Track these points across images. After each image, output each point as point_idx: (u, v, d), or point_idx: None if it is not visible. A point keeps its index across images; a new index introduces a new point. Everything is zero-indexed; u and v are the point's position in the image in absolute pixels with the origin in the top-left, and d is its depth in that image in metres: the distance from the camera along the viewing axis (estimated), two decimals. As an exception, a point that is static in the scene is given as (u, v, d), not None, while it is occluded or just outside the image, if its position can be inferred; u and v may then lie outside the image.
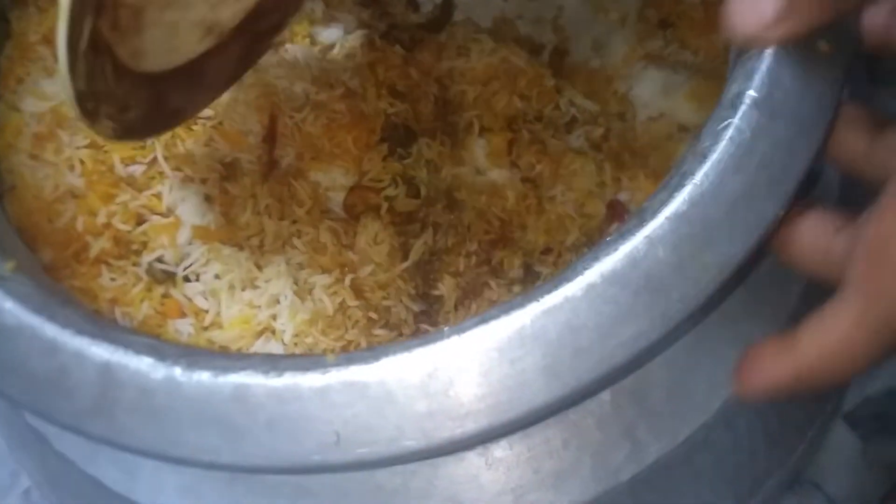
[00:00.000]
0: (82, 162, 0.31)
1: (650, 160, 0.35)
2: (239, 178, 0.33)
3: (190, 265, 0.31)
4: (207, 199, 0.32)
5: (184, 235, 0.31)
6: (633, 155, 0.36)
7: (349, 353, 0.21)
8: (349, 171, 0.34)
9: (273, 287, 0.31)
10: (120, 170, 0.32)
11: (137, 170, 0.32)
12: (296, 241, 0.32)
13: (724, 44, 0.41)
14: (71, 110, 0.20)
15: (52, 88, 0.32)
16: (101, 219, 0.31)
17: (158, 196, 0.32)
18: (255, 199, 0.32)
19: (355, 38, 0.37)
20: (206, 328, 0.30)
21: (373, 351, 0.20)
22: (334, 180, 0.33)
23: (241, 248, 0.32)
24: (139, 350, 0.20)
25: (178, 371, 0.20)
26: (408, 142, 0.35)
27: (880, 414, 0.39)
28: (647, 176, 0.34)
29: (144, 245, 0.31)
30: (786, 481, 0.35)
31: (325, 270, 0.32)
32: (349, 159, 0.34)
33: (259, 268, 0.31)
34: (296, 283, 0.31)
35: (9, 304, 0.20)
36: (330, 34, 0.37)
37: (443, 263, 0.33)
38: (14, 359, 0.20)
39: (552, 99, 0.37)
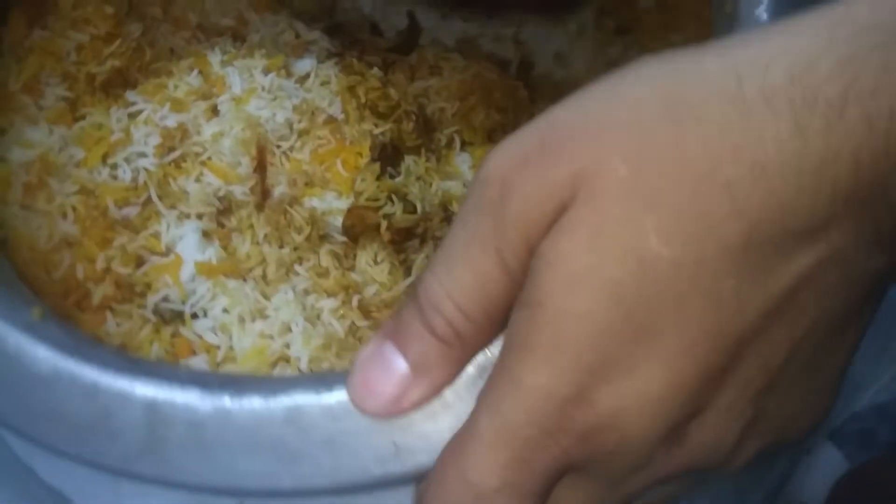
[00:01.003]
0: (74, 208, 0.31)
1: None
2: (234, 210, 0.33)
3: (196, 302, 0.30)
4: (206, 234, 0.32)
5: (187, 272, 0.31)
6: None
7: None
8: (343, 194, 0.34)
9: (283, 315, 0.31)
10: (114, 213, 0.31)
11: (132, 212, 0.32)
12: (298, 268, 0.33)
13: (682, 43, 0.43)
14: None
15: (38, 136, 0.31)
16: (101, 264, 0.30)
17: (156, 236, 0.31)
18: (253, 230, 0.33)
19: (328, 67, 0.37)
20: (219, 364, 0.30)
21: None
22: (330, 204, 0.34)
23: (245, 279, 0.32)
24: (184, 383, 0.20)
25: (227, 400, 0.20)
26: (396, 160, 0.35)
27: (866, 432, 0.39)
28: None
29: (148, 286, 0.30)
30: (770, 497, 0.35)
31: (330, 294, 0.32)
32: (341, 182, 0.34)
33: (266, 297, 0.31)
34: (304, 309, 0.31)
35: (42, 351, 0.20)
36: (304, 64, 0.37)
37: (445, 276, 0.34)
38: (53, 407, 0.20)
39: (527, 109, 0.38)
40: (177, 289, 0.31)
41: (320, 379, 0.20)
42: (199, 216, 0.32)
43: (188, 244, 0.32)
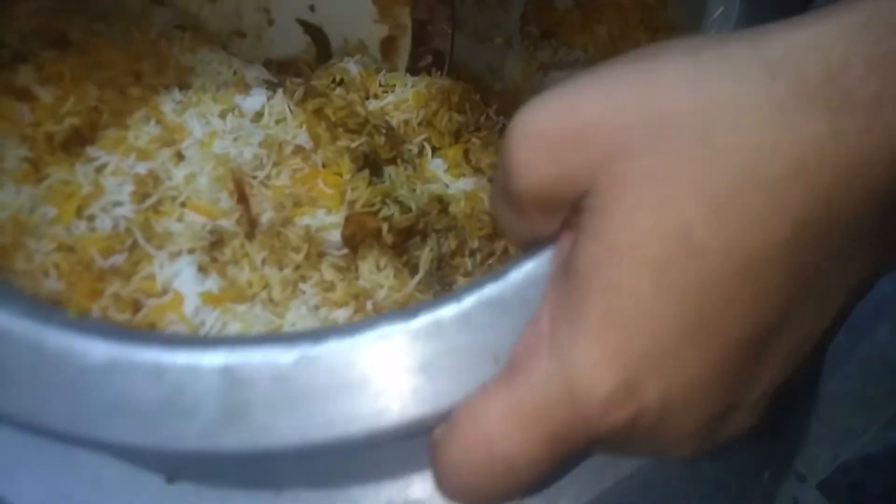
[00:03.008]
0: (57, 266, 0.29)
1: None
2: (227, 241, 0.31)
3: (208, 332, 0.28)
4: (201, 268, 0.31)
5: (190, 306, 0.29)
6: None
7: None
8: (332, 209, 0.33)
9: (301, 328, 0.29)
10: (100, 263, 0.29)
11: (119, 259, 0.30)
12: (303, 287, 0.31)
13: (606, 34, 0.46)
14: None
15: (6, 197, 0.29)
16: (96, 314, 0.28)
17: (150, 278, 0.30)
18: (250, 257, 0.31)
19: (278, 102, 0.37)
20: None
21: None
22: (322, 221, 0.33)
23: (252, 303, 0.30)
24: (257, 342, 0.18)
25: (310, 346, 0.18)
26: (377, 171, 0.35)
27: (855, 483, 0.39)
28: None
29: (153, 326, 0.28)
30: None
31: (340, 305, 0.31)
32: (328, 199, 0.33)
33: (279, 316, 0.29)
34: (320, 321, 0.30)
35: (92, 343, 0.18)
36: (253, 102, 0.37)
37: (451, 268, 0.33)
38: (115, 398, 0.18)
39: (483, 111, 0.40)
40: (183, 324, 0.28)
41: (404, 311, 0.19)
42: (191, 251, 0.31)
43: (186, 279, 0.30)
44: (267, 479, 0.24)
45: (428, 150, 0.37)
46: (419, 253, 0.33)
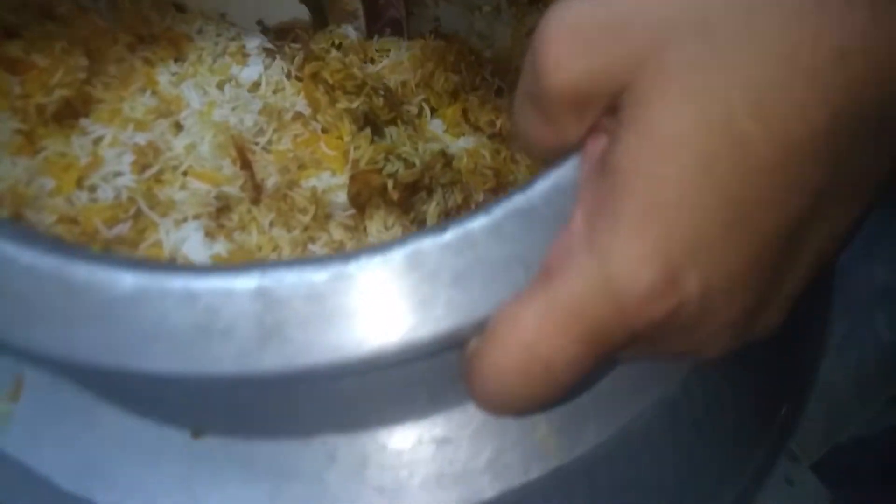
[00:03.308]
0: (60, 237, 0.28)
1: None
2: (233, 207, 0.31)
3: (222, 292, 0.28)
4: (208, 233, 0.30)
5: (201, 269, 0.29)
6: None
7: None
8: (337, 171, 0.33)
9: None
10: (106, 233, 0.29)
11: (124, 228, 0.29)
12: (312, 247, 0.31)
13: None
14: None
15: (2, 169, 0.29)
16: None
17: (157, 245, 0.29)
18: (257, 221, 0.31)
19: (276, 72, 0.37)
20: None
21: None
22: (328, 183, 0.33)
23: (264, 264, 0.30)
24: (288, 265, 0.18)
25: (344, 264, 0.18)
26: (378, 132, 0.35)
27: (850, 466, 0.39)
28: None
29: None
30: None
31: (353, 264, 0.31)
32: (331, 161, 0.33)
33: (292, 275, 0.29)
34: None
35: (120, 273, 0.18)
36: (249, 72, 0.37)
37: (458, 222, 0.33)
38: (147, 326, 0.17)
39: (479, 71, 0.40)
40: (196, 287, 0.28)
41: (436, 226, 0.19)
42: (197, 217, 0.30)
43: (193, 244, 0.30)
44: (295, 424, 0.24)
45: (427, 110, 0.37)
46: (426, 208, 0.32)
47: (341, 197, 0.32)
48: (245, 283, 0.18)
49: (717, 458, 0.32)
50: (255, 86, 0.36)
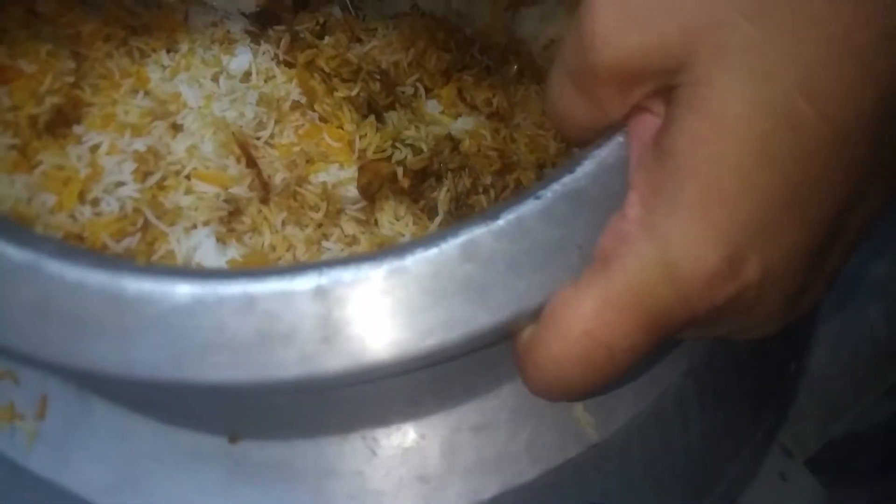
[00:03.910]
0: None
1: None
2: (244, 209, 0.30)
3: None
4: (219, 239, 0.29)
5: (219, 275, 0.28)
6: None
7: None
8: (344, 164, 0.33)
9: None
10: (114, 247, 0.28)
11: (133, 241, 0.28)
12: (326, 244, 0.31)
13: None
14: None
15: (1, 190, 0.28)
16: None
17: (170, 255, 0.28)
18: (269, 221, 0.30)
19: (264, 60, 0.36)
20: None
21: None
22: (337, 176, 0.32)
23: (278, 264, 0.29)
24: (346, 262, 0.18)
25: (398, 259, 0.18)
26: (379, 118, 0.34)
27: (843, 460, 0.40)
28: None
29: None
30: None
31: (368, 256, 0.30)
32: (337, 153, 0.33)
33: (311, 272, 0.29)
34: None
35: (174, 283, 0.17)
36: (239, 62, 0.36)
37: (468, 207, 0.33)
38: (206, 336, 0.17)
39: (469, 49, 0.39)
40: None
41: (488, 213, 0.18)
42: (206, 223, 0.29)
43: (207, 251, 0.29)
44: (334, 421, 0.23)
45: (422, 91, 0.37)
46: (436, 195, 0.32)
47: (351, 191, 0.32)
48: (303, 284, 0.17)
49: (735, 422, 0.33)
50: (246, 76, 0.35)
